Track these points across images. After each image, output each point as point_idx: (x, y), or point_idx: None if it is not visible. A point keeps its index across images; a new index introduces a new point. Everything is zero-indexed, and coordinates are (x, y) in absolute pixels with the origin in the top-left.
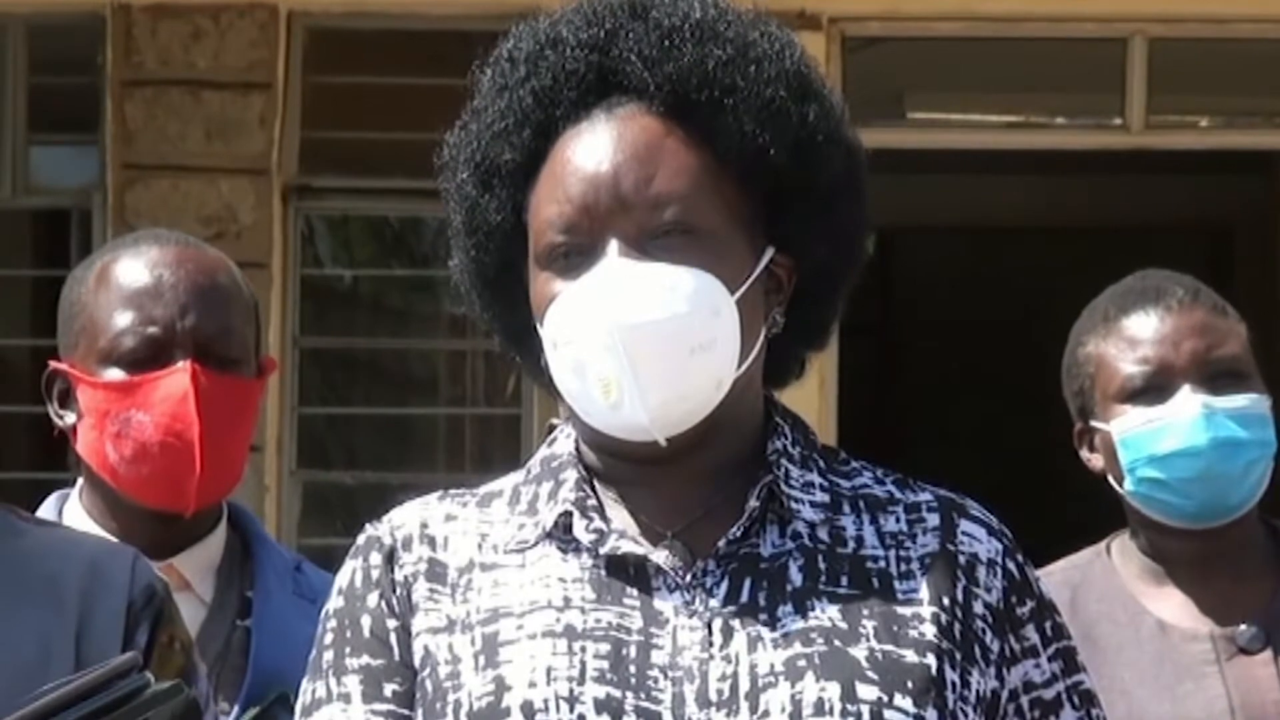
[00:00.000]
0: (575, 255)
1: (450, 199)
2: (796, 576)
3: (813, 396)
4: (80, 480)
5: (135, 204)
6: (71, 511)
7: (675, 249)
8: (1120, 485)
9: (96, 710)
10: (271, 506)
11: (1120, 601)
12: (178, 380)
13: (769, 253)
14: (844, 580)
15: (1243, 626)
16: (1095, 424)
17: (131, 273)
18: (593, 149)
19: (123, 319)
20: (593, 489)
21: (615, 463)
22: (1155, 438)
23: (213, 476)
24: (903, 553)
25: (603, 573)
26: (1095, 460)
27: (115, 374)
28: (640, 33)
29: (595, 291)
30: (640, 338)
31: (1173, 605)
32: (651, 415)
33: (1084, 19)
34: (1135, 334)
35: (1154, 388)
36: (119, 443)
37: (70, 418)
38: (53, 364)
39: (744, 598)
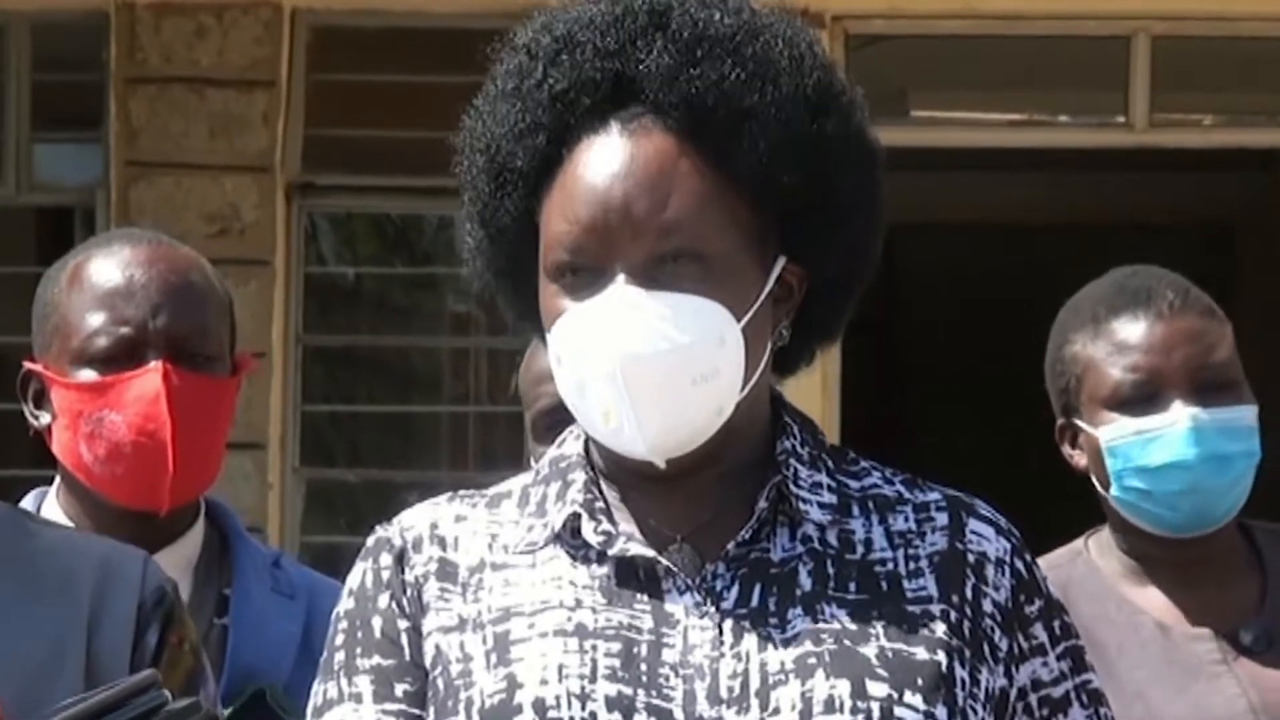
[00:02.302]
0: (583, 275)
1: (465, 189)
2: (806, 581)
3: (816, 396)
4: (58, 478)
5: (139, 201)
6: (49, 510)
7: (683, 276)
8: (1104, 489)
9: None
10: (275, 504)
11: (1112, 601)
12: (149, 380)
13: (780, 263)
14: (853, 585)
15: (1245, 627)
16: (1080, 425)
17: (103, 273)
18: (605, 168)
19: (95, 319)
20: (600, 491)
21: (621, 468)
22: (1144, 449)
23: (187, 475)
24: (911, 551)
25: (612, 575)
26: (1078, 458)
27: (88, 374)
28: (659, 44)
29: (599, 319)
30: (641, 369)
31: (1162, 604)
32: (650, 444)
33: (1087, 17)
34: (1125, 339)
35: (1144, 397)
36: (93, 443)
37: (45, 418)
38: (27, 364)
39: (754, 601)
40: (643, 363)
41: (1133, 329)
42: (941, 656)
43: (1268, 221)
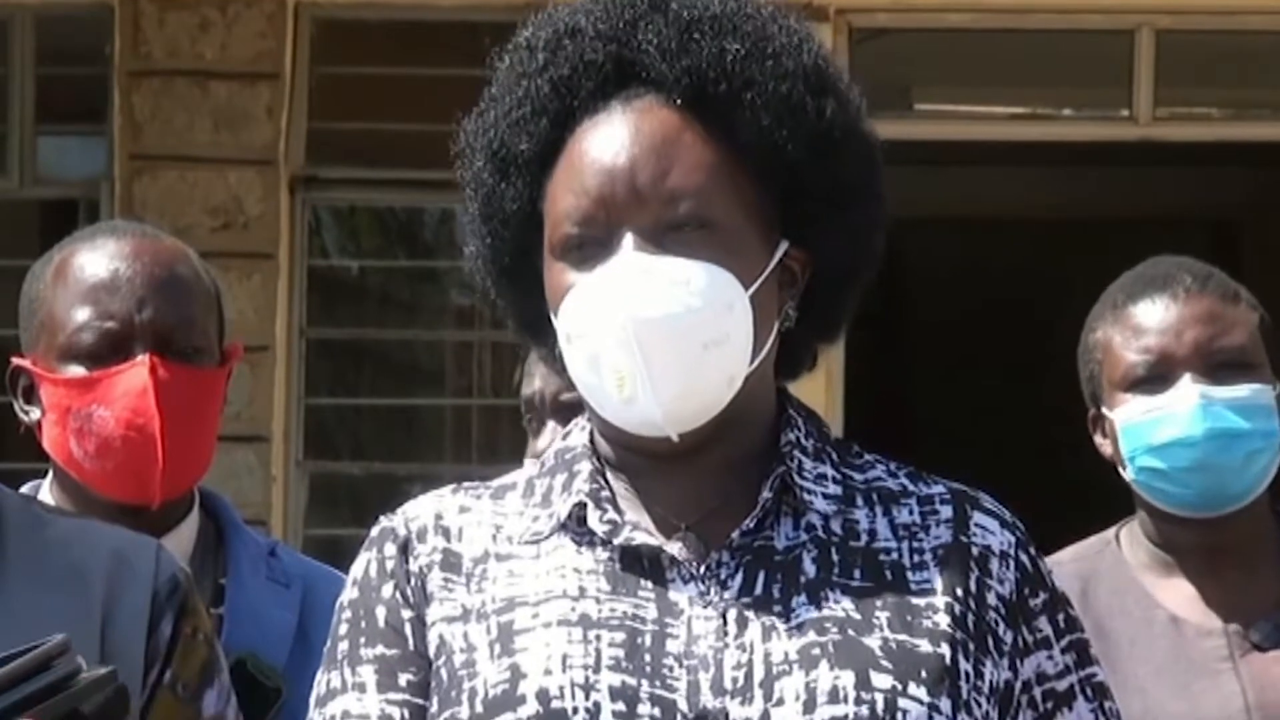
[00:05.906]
0: (590, 247)
1: (467, 186)
2: (810, 568)
3: (819, 390)
4: (50, 472)
5: (143, 195)
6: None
7: (690, 243)
8: (1125, 473)
9: (28, 696)
10: (278, 497)
11: (1132, 594)
12: (136, 374)
13: (783, 247)
14: (857, 573)
15: (1257, 623)
16: (1104, 411)
17: (88, 267)
18: (610, 141)
19: (80, 314)
20: (606, 481)
21: (629, 455)
22: (1153, 427)
23: (177, 468)
24: (915, 544)
25: (617, 564)
26: (1105, 446)
27: (75, 370)
28: (660, 25)
29: (610, 284)
30: (654, 331)
31: (1183, 597)
32: (664, 410)
33: (1091, 10)
34: (1141, 322)
35: (1156, 377)
36: (82, 438)
37: (35, 413)
38: (15, 360)
39: (758, 589)
40: (655, 326)
41: (1148, 311)
42: (945, 649)
43: (1272, 216)
